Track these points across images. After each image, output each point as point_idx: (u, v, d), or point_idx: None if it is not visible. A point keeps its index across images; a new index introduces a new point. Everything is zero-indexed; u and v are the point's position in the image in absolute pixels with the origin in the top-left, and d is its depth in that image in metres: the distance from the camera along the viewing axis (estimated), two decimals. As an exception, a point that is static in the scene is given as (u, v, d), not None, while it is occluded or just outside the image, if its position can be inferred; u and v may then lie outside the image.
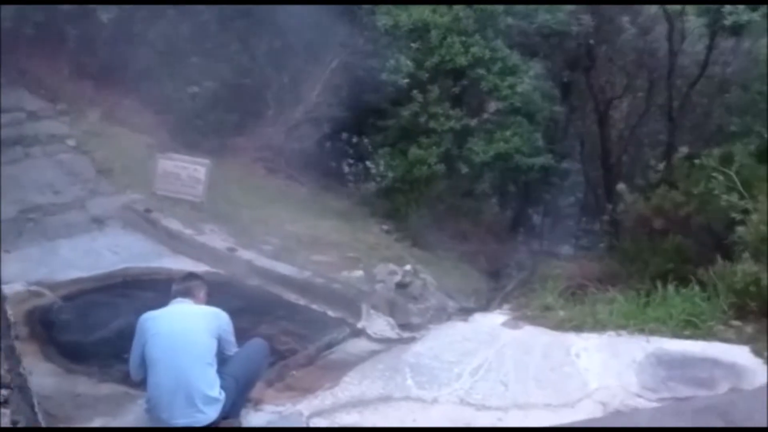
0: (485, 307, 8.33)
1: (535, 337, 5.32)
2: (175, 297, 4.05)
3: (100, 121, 8.98)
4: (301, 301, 5.73)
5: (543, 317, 6.22)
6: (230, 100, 11.45)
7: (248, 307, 5.53)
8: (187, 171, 7.02)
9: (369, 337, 5.35)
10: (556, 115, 14.06)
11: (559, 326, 5.73)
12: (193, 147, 9.96)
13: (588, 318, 5.63)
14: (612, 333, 5.26)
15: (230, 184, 8.84)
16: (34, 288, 5.11)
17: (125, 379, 4.25)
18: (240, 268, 6.09)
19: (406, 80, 10.84)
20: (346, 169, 15.94)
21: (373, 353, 5.14)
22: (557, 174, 14.41)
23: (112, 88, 10.13)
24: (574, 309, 6.05)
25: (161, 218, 6.74)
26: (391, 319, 5.77)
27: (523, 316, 6.52)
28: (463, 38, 11.22)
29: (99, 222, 6.90)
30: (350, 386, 4.58)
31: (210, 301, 4.28)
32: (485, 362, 4.87)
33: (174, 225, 6.64)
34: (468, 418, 4.22)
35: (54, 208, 7.00)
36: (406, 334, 5.71)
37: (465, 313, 7.55)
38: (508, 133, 11.25)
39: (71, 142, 8.36)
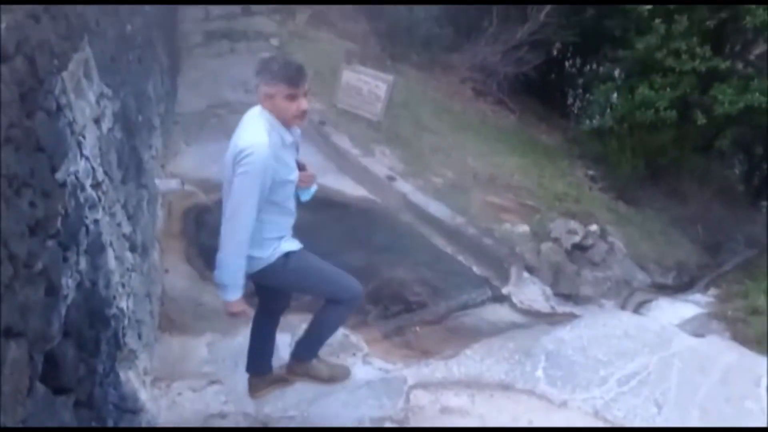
0: (687, 287, 7.09)
1: (720, 351, 4.21)
2: None
3: (307, 23, 8.85)
4: (448, 249, 5.14)
5: (744, 322, 5.02)
6: (449, 13, 10.74)
7: (390, 245, 5.12)
8: (368, 86, 6.53)
9: (513, 306, 4.66)
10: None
11: (761, 341, 4.55)
12: (399, 60, 9.53)
13: (804, 339, 4.36)
14: (830, 370, 3.99)
15: (425, 104, 8.30)
16: (188, 187, 5.08)
17: (249, 298, 4.10)
18: (395, 200, 5.61)
19: (649, 7, 9.25)
20: (570, 100, 14.61)
21: (510, 326, 4.46)
22: (823, 142, 11.71)
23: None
24: (790, 321, 4.75)
25: (332, 133, 6.42)
26: (548, 288, 4.99)
27: (721, 313, 5.34)
28: (730, -42, 9.20)
29: (277, 127, 6.77)
30: (470, 361, 3.98)
31: (353, 229, 3.76)
32: (642, 371, 3.96)
33: (343, 142, 6.30)
34: (595, 437, 3.47)
35: (241, 106, 6.92)
36: (562, 309, 4.92)
37: (655, 290, 6.47)
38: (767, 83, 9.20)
39: (275, 42, 8.35)
